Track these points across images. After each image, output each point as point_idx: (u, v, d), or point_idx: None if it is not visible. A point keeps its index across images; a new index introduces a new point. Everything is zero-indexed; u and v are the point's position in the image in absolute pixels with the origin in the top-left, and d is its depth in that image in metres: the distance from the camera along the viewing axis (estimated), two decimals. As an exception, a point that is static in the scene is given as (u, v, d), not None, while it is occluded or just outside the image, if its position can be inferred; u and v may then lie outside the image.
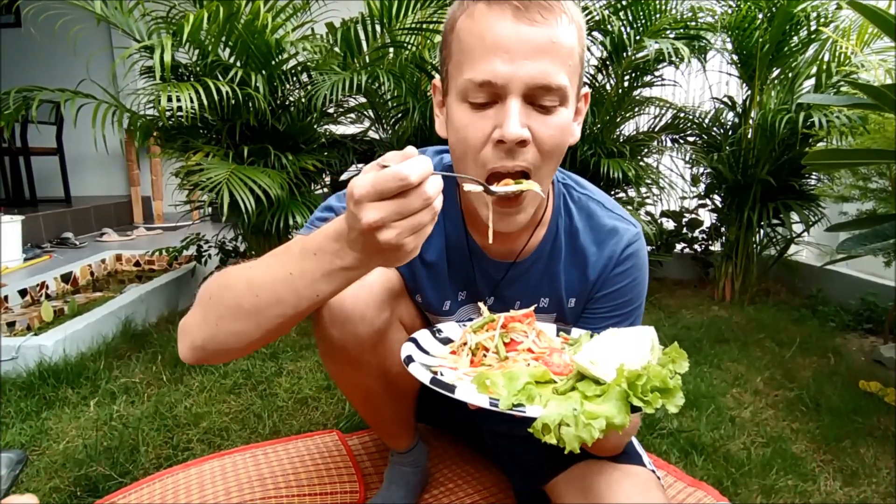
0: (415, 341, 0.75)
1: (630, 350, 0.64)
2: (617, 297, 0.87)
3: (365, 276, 0.83)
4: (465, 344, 0.73)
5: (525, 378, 0.61)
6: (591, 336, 0.78)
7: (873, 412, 1.55)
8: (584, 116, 0.78)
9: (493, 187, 0.66)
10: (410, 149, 0.54)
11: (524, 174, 0.70)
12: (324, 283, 0.60)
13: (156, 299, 2.34)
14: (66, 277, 2.59)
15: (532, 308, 0.78)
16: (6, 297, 2.20)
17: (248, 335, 0.66)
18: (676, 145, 2.88)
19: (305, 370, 1.78)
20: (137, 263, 3.06)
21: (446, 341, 0.79)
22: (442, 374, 0.67)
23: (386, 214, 0.52)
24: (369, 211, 0.52)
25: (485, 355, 0.71)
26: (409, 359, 0.67)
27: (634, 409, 0.57)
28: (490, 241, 0.71)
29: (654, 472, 0.88)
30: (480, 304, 0.80)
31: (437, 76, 0.75)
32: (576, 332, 0.83)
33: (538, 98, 0.66)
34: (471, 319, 0.88)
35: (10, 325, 2.04)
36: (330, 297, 0.63)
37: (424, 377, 0.63)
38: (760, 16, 2.36)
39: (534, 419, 0.56)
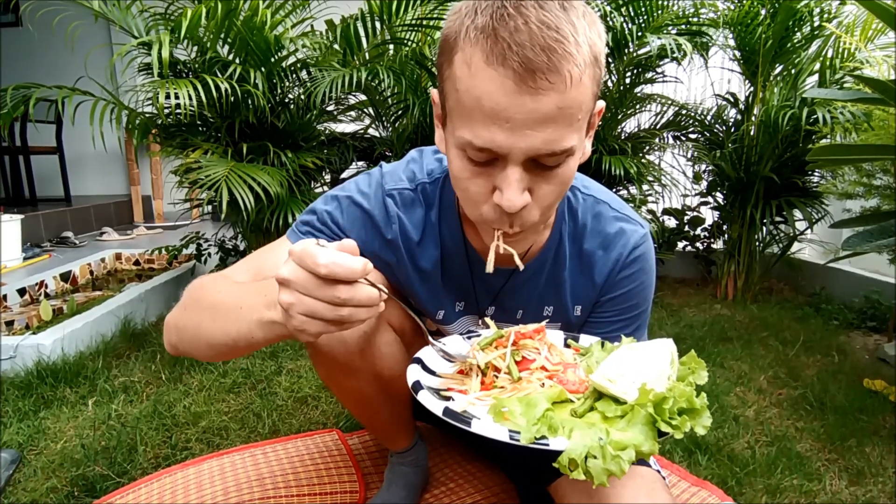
0: (419, 361, 0.71)
1: (649, 366, 0.61)
2: (623, 301, 0.85)
3: None
4: (475, 363, 0.69)
5: (544, 404, 0.57)
6: (602, 344, 0.75)
7: (878, 411, 1.53)
8: (595, 129, 0.72)
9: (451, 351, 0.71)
10: (350, 243, 0.53)
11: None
12: (257, 329, 0.60)
13: (155, 298, 2.33)
14: (65, 276, 2.58)
15: (534, 325, 0.73)
16: (5, 296, 2.19)
17: (203, 353, 0.69)
18: (678, 142, 2.86)
19: (305, 369, 1.76)
20: (137, 262, 3.05)
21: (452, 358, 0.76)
22: (453, 400, 0.63)
23: (295, 280, 0.52)
24: (285, 267, 0.52)
25: (496, 375, 0.67)
26: (417, 385, 0.64)
27: (661, 434, 0.53)
28: (490, 270, 0.69)
29: (659, 472, 0.87)
30: (488, 321, 0.76)
31: (435, 91, 0.69)
32: (584, 339, 0.80)
33: (542, 159, 0.60)
34: (471, 331, 0.85)
35: (9, 324, 2.03)
36: (263, 345, 0.62)
37: (437, 408, 0.59)
38: (763, 11, 2.34)
39: (558, 452, 0.52)
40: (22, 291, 2.29)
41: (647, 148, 2.68)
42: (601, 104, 0.69)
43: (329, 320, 0.53)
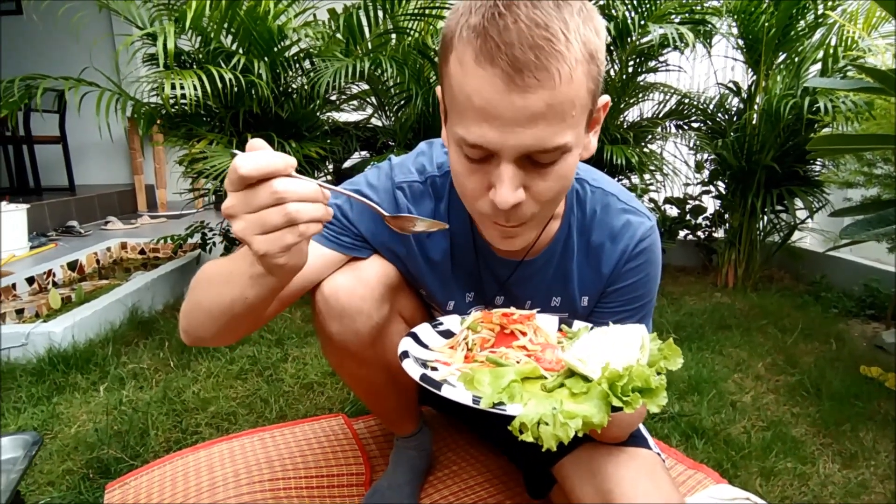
0: (414, 336, 0.75)
1: (619, 348, 0.64)
2: (628, 292, 0.86)
3: (360, 270, 0.83)
4: (464, 339, 0.74)
5: (511, 376, 0.61)
6: (591, 328, 0.77)
7: (874, 397, 1.56)
8: (601, 125, 0.72)
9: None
10: (258, 141, 0.52)
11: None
12: (248, 287, 0.60)
13: (161, 287, 2.36)
14: (72, 265, 2.61)
15: (524, 312, 0.77)
16: (14, 285, 2.22)
17: (209, 330, 0.69)
18: (681, 131, 2.86)
19: (310, 356, 1.80)
20: (142, 251, 3.08)
21: (447, 334, 0.79)
22: (436, 370, 0.67)
23: (235, 203, 0.51)
24: (228, 198, 0.53)
25: (481, 350, 0.71)
26: (405, 354, 0.68)
27: (615, 409, 0.58)
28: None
29: (659, 454, 0.90)
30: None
31: (439, 87, 0.69)
32: (577, 324, 0.82)
33: (535, 156, 0.61)
34: None
35: (19, 312, 2.06)
36: (259, 304, 0.63)
37: (416, 373, 0.63)
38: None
39: (514, 417, 0.57)
40: (30, 280, 2.32)
41: (650, 137, 2.69)
42: (605, 98, 0.69)
43: (282, 225, 0.51)
